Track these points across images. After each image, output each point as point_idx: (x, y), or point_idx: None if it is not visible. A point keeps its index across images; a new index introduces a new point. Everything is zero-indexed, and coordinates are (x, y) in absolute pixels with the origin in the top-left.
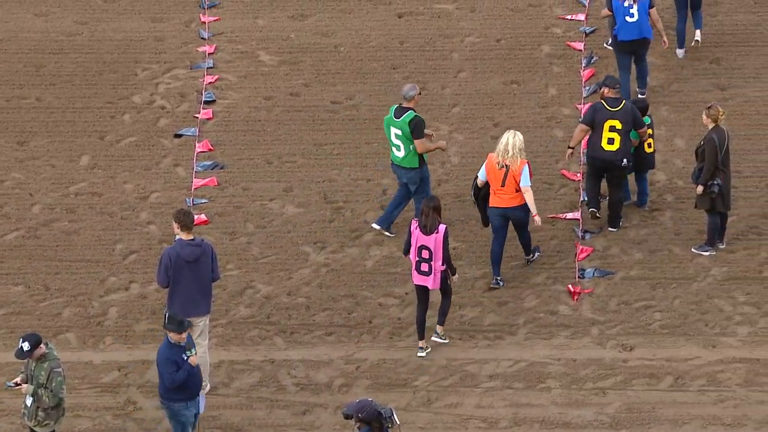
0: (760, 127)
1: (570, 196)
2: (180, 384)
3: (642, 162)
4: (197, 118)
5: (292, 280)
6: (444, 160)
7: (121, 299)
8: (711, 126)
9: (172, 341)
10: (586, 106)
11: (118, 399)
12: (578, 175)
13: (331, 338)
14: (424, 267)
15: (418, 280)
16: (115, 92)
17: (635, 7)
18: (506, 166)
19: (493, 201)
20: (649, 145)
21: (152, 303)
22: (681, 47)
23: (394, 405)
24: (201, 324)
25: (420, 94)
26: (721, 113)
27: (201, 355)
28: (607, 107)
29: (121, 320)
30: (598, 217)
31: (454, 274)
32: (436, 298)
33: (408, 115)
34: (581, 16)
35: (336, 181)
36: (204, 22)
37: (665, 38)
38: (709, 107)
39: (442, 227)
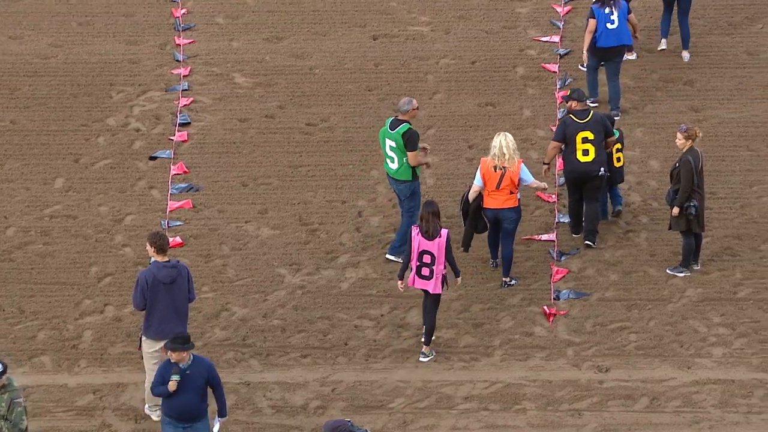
0: (734, 149)
1: (545, 217)
2: (163, 398)
3: (612, 176)
4: (172, 140)
5: (268, 302)
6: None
7: (96, 322)
8: (686, 147)
9: (171, 360)
10: None
11: (93, 422)
12: (553, 197)
13: (307, 360)
14: (425, 271)
15: (418, 284)
16: (90, 115)
17: (615, 14)
18: (503, 168)
19: (488, 203)
20: (618, 159)
21: (127, 326)
22: (664, 37)
23: (369, 427)
24: None
25: (417, 108)
26: (698, 133)
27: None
28: (577, 120)
29: (96, 343)
30: (591, 246)
31: (457, 276)
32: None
33: (402, 127)
34: (556, 38)
35: (311, 203)
36: (179, 45)
37: (637, 34)
38: (686, 129)
39: (444, 231)
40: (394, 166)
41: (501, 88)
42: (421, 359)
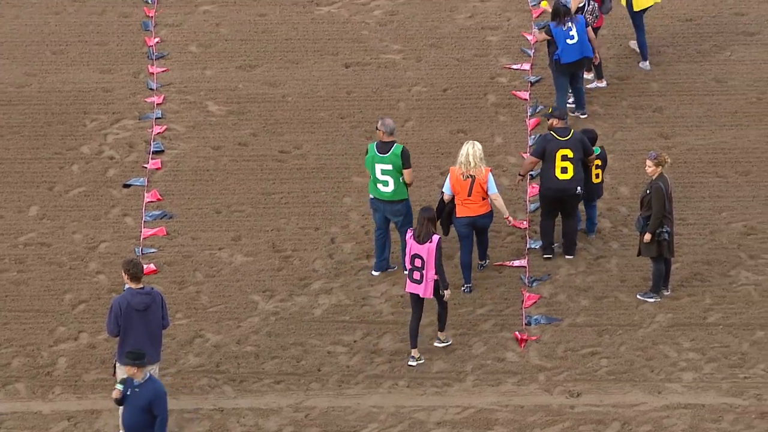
0: (702, 175)
1: (517, 243)
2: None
3: (590, 192)
4: (146, 168)
5: (241, 328)
6: None
7: (70, 349)
8: (655, 174)
9: (126, 374)
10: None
11: None
12: (524, 223)
13: (280, 386)
14: (416, 275)
15: (410, 288)
16: (64, 143)
17: (574, 29)
18: (471, 176)
19: (461, 211)
20: (597, 176)
21: (101, 352)
22: (645, 59)
23: None
24: (151, 372)
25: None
26: (666, 159)
27: None
28: (558, 137)
29: (71, 370)
30: (551, 258)
31: (446, 289)
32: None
33: (397, 147)
34: (526, 66)
35: (284, 230)
36: (152, 73)
37: (597, 55)
38: (655, 156)
39: (435, 237)
40: (388, 189)
41: (472, 115)
42: (410, 363)
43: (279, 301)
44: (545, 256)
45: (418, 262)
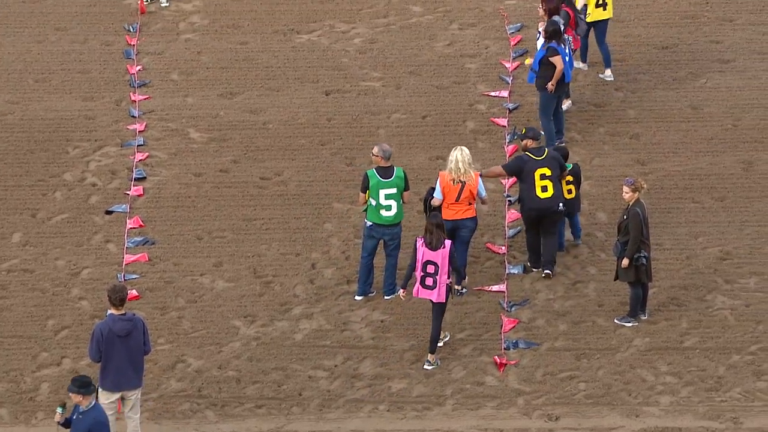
0: (679, 201)
1: (495, 269)
2: None
3: (567, 207)
4: (128, 194)
5: (223, 353)
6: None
7: (53, 374)
8: (632, 200)
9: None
10: (511, 180)
11: None
12: (503, 248)
13: (262, 411)
14: (429, 281)
15: (422, 294)
16: (47, 170)
17: (566, 49)
18: (462, 181)
19: (446, 214)
20: (569, 191)
21: None
22: (608, 66)
23: None
24: (133, 398)
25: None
26: (643, 185)
27: (133, 429)
28: (534, 157)
29: (53, 395)
30: (550, 276)
31: (464, 278)
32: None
33: (398, 170)
34: (505, 93)
35: (265, 255)
36: (134, 101)
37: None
38: (632, 182)
39: (448, 242)
40: (391, 213)
41: (451, 141)
42: (425, 367)
43: (260, 326)
44: (534, 267)
45: (431, 269)
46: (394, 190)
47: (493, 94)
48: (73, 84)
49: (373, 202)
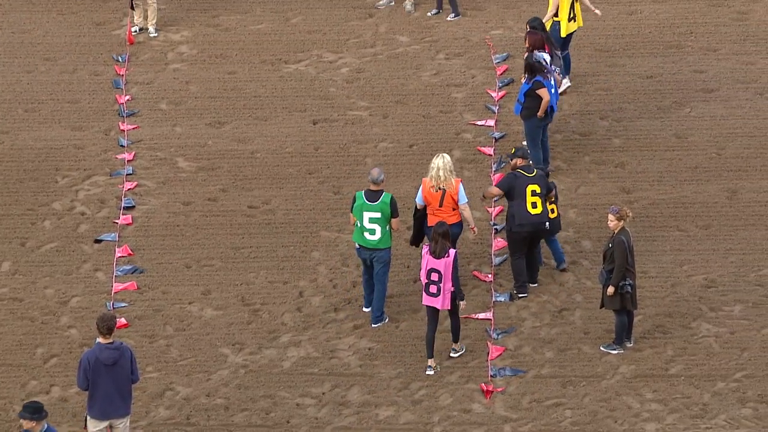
0: (664, 229)
1: (482, 296)
2: None
3: (552, 227)
4: (117, 223)
5: (211, 381)
6: (359, 262)
7: (42, 402)
8: (618, 228)
9: (25, 428)
10: (497, 209)
11: None
12: (489, 276)
13: None
14: (433, 289)
15: (427, 301)
16: (36, 199)
17: (552, 79)
18: (442, 188)
19: (432, 221)
20: (552, 211)
21: (73, 406)
22: (567, 75)
23: None
24: (121, 426)
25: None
26: (628, 213)
27: None
28: (525, 174)
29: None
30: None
31: (462, 300)
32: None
33: (386, 196)
34: (491, 122)
35: (253, 283)
36: (123, 130)
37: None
38: (617, 210)
39: (452, 251)
40: (375, 237)
41: None
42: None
43: (248, 354)
44: (520, 295)
45: (434, 276)
46: (378, 215)
47: (479, 123)
48: (62, 114)
49: (358, 224)
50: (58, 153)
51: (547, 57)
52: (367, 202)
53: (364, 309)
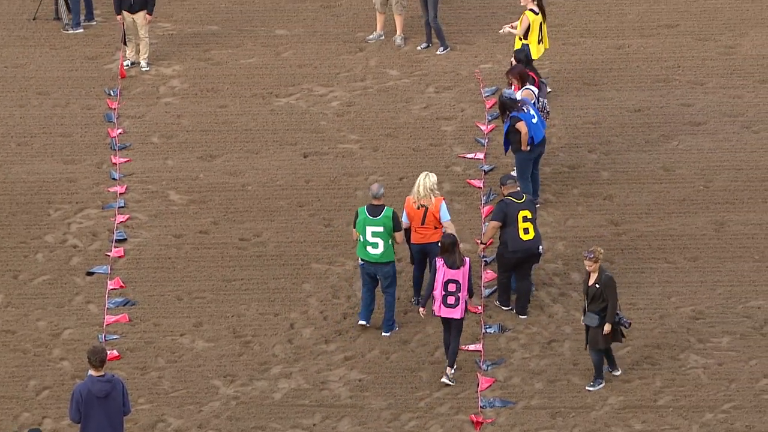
0: (652, 261)
1: (472, 328)
2: None
3: None
4: (109, 256)
5: (203, 413)
6: (350, 294)
7: None
8: (596, 269)
9: None
10: (488, 242)
11: None
12: (479, 308)
13: None
14: (451, 300)
15: (445, 313)
16: (29, 232)
17: (531, 110)
18: (424, 206)
19: (414, 238)
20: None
21: None
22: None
23: None
24: None
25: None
26: (601, 251)
27: None
28: (515, 200)
29: None
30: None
31: (471, 296)
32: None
33: (388, 210)
34: (480, 155)
35: (244, 315)
36: (115, 164)
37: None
38: (592, 255)
39: (467, 260)
40: (378, 251)
41: None
42: (443, 380)
43: (240, 386)
44: (504, 307)
45: (452, 287)
46: (380, 229)
47: (469, 156)
48: (54, 147)
49: (361, 239)
50: (51, 186)
51: (535, 90)
52: (369, 216)
53: (360, 322)
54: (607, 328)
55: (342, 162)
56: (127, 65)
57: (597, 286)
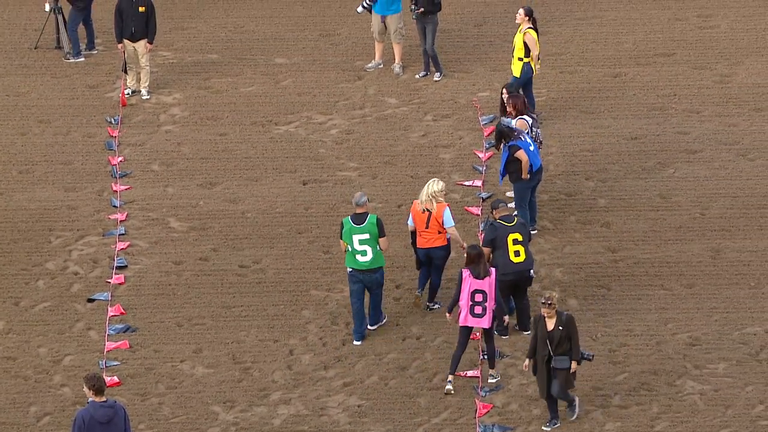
0: (649, 288)
1: (470, 354)
2: None
3: None
4: (109, 283)
5: None
6: (349, 320)
7: None
8: (554, 314)
9: None
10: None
11: None
12: (477, 334)
13: None
14: (478, 309)
15: (471, 322)
16: (30, 259)
17: (527, 138)
18: (428, 210)
19: (419, 242)
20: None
21: None
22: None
23: None
24: None
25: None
26: (555, 295)
27: None
28: (505, 224)
29: None
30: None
31: (505, 315)
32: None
33: (371, 217)
34: (478, 183)
35: (244, 342)
36: (116, 191)
37: None
38: (550, 302)
39: (492, 270)
40: (367, 258)
41: None
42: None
43: (239, 412)
44: (503, 336)
45: (479, 297)
46: (366, 236)
47: (466, 183)
48: (55, 175)
49: (349, 248)
50: (52, 213)
51: (528, 119)
52: (354, 225)
53: (355, 342)
54: (574, 365)
55: (341, 189)
56: (128, 94)
57: (561, 328)
